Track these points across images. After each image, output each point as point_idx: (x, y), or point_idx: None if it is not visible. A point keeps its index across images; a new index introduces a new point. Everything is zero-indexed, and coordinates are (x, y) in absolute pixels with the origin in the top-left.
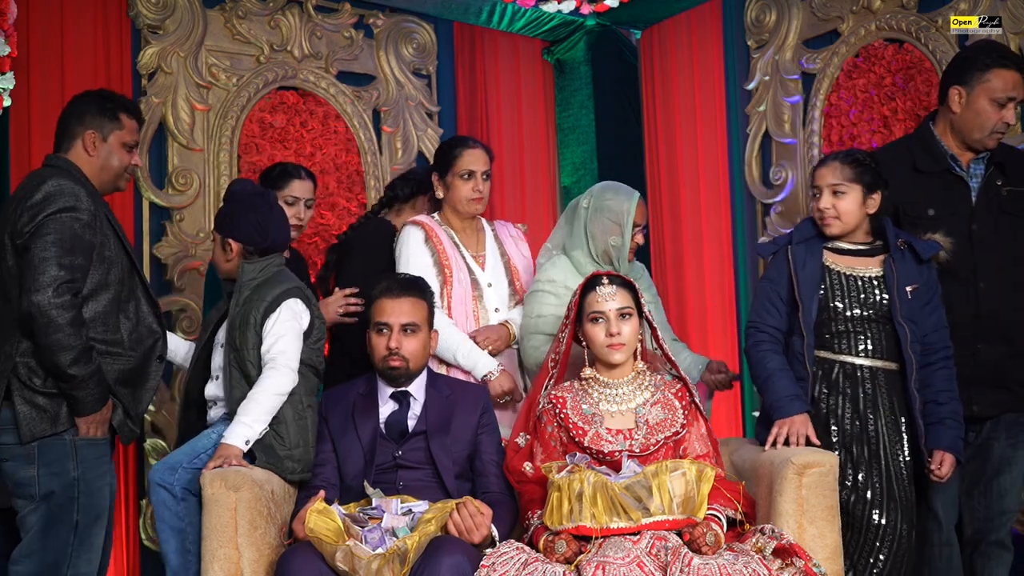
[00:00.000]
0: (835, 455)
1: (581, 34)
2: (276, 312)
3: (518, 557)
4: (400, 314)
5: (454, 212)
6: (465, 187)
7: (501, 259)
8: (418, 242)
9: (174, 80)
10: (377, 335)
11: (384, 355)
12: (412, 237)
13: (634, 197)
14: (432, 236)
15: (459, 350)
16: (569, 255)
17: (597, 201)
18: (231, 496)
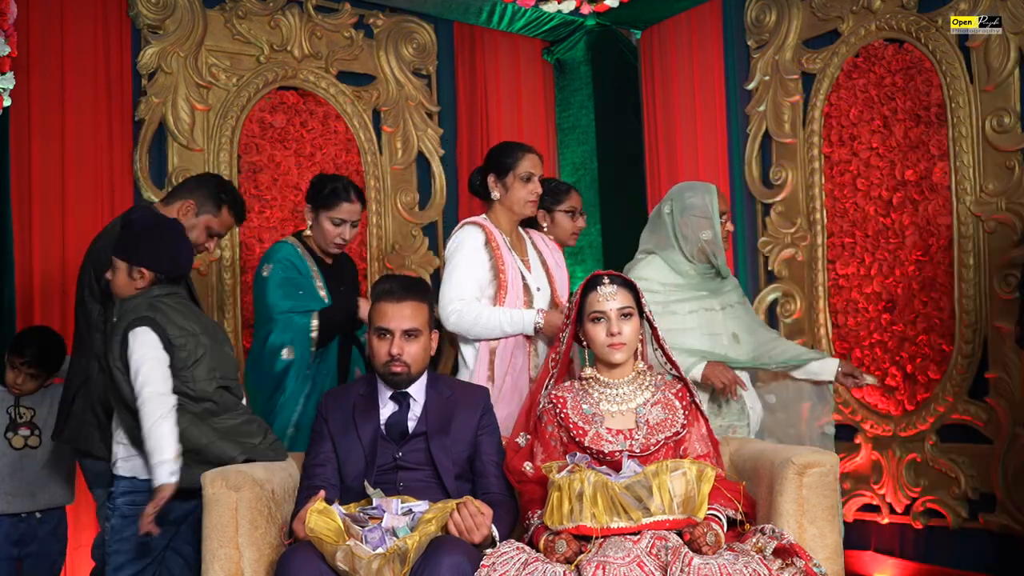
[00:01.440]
0: (835, 455)
1: (581, 34)
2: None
3: (518, 557)
4: (402, 319)
5: (508, 214)
6: (524, 189)
7: (542, 266)
8: (478, 244)
9: (174, 80)
10: (379, 340)
11: (386, 360)
12: (472, 238)
13: (712, 189)
14: (492, 240)
15: (503, 321)
16: (661, 255)
17: (679, 203)
18: (232, 496)
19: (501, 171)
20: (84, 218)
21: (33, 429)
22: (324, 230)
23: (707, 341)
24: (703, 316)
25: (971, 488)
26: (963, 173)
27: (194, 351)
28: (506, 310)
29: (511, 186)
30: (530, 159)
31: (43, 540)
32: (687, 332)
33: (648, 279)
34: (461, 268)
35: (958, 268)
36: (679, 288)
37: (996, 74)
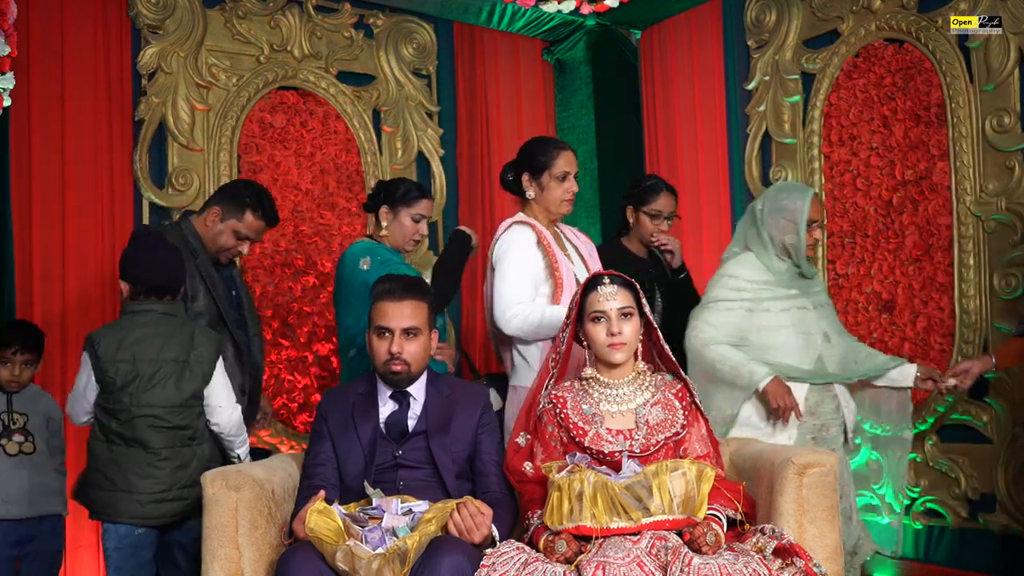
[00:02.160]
0: (835, 455)
1: (581, 34)
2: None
3: (518, 557)
4: (402, 318)
5: (544, 212)
6: (560, 188)
7: (580, 259)
8: (529, 244)
9: (174, 80)
10: (378, 339)
11: (386, 359)
12: (523, 238)
13: (807, 194)
14: (542, 238)
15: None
16: (755, 251)
17: (772, 203)
18: (232, 496)
19: (536, 169)
20: (84, 218)
21: (27, 435)
22: (404, 227)
23: (801, 339)
24: (796, 314)
25: (971, 488)
26: (963, 173)
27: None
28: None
29: (547, 185)
30: (566, 157)
31: (42, 540)
32: (781, 330)
33: (736, 276)
34: (515, 270)
35: (958, 268)
36: (769, 286)
37: (996, 74)
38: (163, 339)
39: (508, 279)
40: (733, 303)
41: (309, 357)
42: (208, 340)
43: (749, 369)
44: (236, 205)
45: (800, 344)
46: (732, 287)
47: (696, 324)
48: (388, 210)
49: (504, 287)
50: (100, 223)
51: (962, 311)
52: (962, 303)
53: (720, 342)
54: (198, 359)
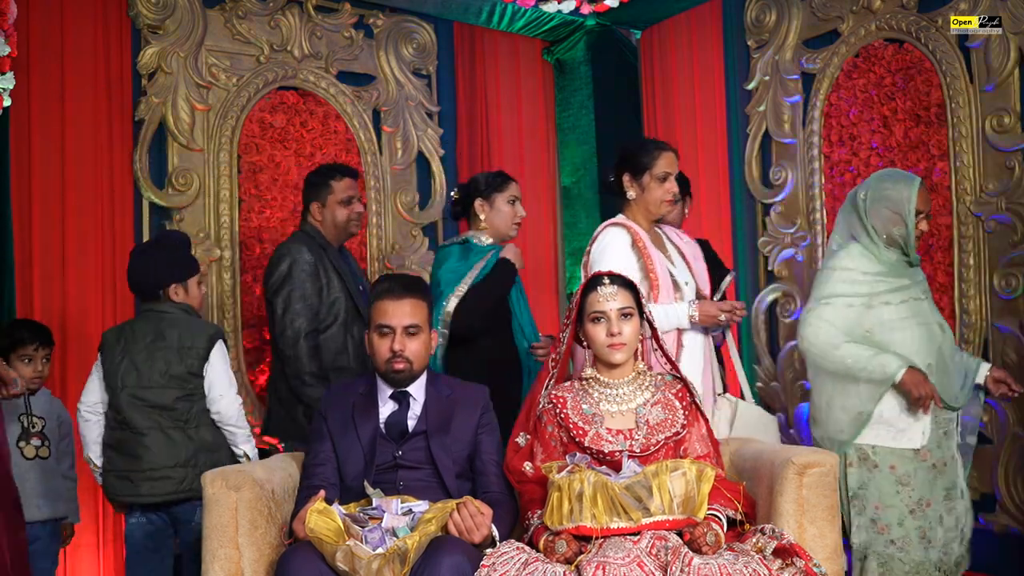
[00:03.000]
0: (835, 455)
1: (581, 34)
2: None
3: (518, 557)
4: (403, 316)
5: (644, 213)
6: (660, 189)
7: (682, 260)
8: (625, 245)
9: (174, 80)
10: (380, 337)
11: (388, 357)
12: (619, 239)
13: (914, 184)
14: (638, 240)
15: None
16: (861, 243)
17: (875, 191)
18: (232, 496)
19: (637, 170)
20: (84, 218)
21: (44, 440)
22: (503, 212)
23: (923, 331)
24: (913, 306)
25: (971, 488)
26: (963, 173)
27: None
28: (660, 306)
29: (647, 186)
30: (667, 158)
31: (44, 540)
32: (903, 322)
33: (851, 269)
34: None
35: (958, 268)
36: (883, 277)
37: (996, 74)
38: (152, 328)
39: None
40: (852, 299)
41: None
42: (200, 329)
43: (881, 362)
44: (321, 186)
45: (923, 336)
46: (847, 280)
47: (813, 323)
48: (483, 201)
49: None
50: (100, 223)
51: (962, 311)
52: (962, 303)
53: (845, 340)
54: (183, 344)
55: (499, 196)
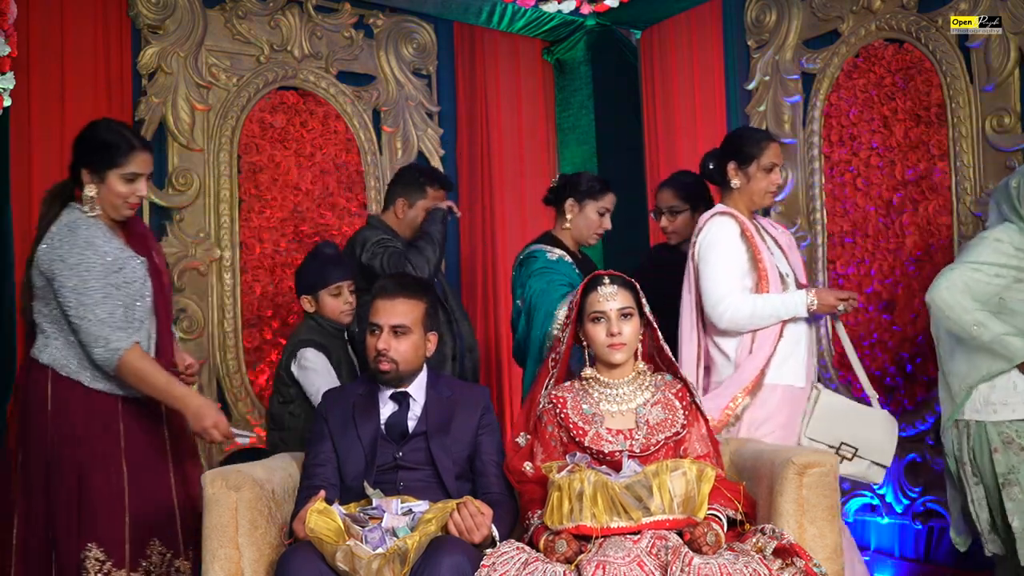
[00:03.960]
0: (835, 455)
1: (581, 34)
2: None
3: (518, 557)
4: (391, 315)
5: (747, 203)
6: (766, 180)
7: (779, 249)
8: (734, 235)
9: (174, 80)
10: (369, 335)
11: (373, 356)
12: (727, 229)
13: None
14: (746, 229)
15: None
16: (1015, 225)
17: None
18: (232, 496)
19: (744, 159)
20: None
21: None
22: (590, 220)
23: None
24: None
25: None
26: (963, 173)
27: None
28: (777, 295)
29: (753, 176)
30: (774, 149)
31: None
32: None
33: (1005, 242)
34: (723, 262)
35: None
36: None
37: (996, 74)
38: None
39: (717, 272)
40: (1001, 269)
41: None
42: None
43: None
44: (415, 188)
45: None
46: (1000, 251)
47: (954, 281)
48: (575, 203)
49: (713, 281)
50: None
51: None
52: None
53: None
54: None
55: (591, 203)
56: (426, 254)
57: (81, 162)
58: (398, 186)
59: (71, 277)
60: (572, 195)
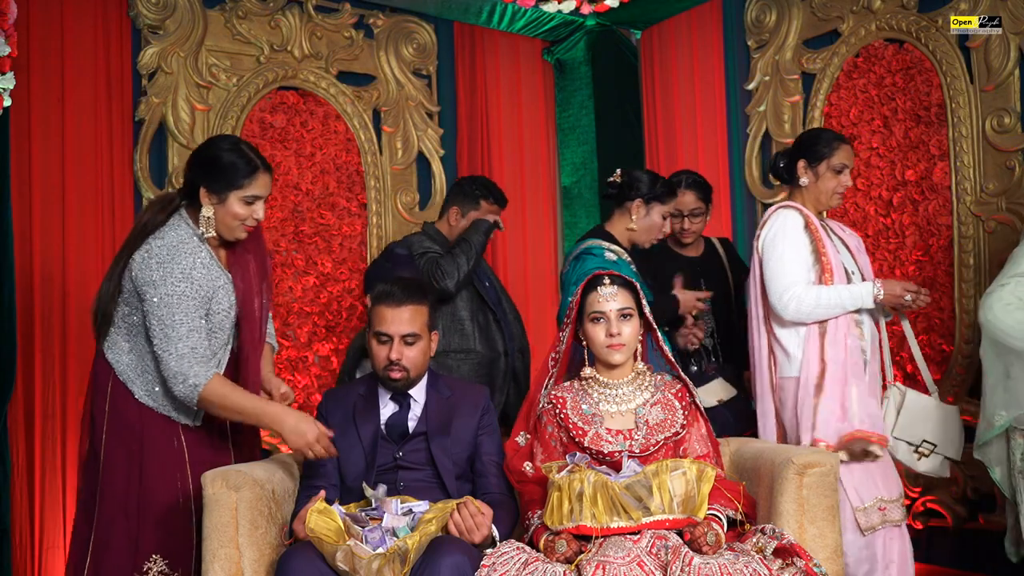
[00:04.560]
0: (836, 455)
1: (581, 34)
2: None
3: (518, 557)
4: (401, 323)
5: (814, 202)
6: (834, 180)
7: (847, 250)
8: (798, 227)
9: (174, 80)
10: (378, 344)
11: (385, 365)
12: (792, 220)
13: None
14: (810, 223)
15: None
16: None
17: None
18: (232, 496)
19: (814, 158)
20: (84, 218)
21: None
22: (654, 223)
23: None
24: None
25: (971, 488)
26: (963, 173)
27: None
28: (842, 286)
29: (822, 175)
30: (846, 151)
31: None
32: None
33: None
34: (788, 253)
35: (958, 268)
36: None
37: (996, 74)
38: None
39: (783, 263)
40: None
41: (309, 357)
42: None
43: None
44: (470, 200)
45: None
46: None
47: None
48: (642, 204)
49: (778, 271)
50: (100, 223)
51: (962, 311)
52: (962, 303)
53: None
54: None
55: (659, 207)
56: (459, 261)
57: (200, 180)
58: (454, 195)
59: (161, 307)
60: (640, 196)
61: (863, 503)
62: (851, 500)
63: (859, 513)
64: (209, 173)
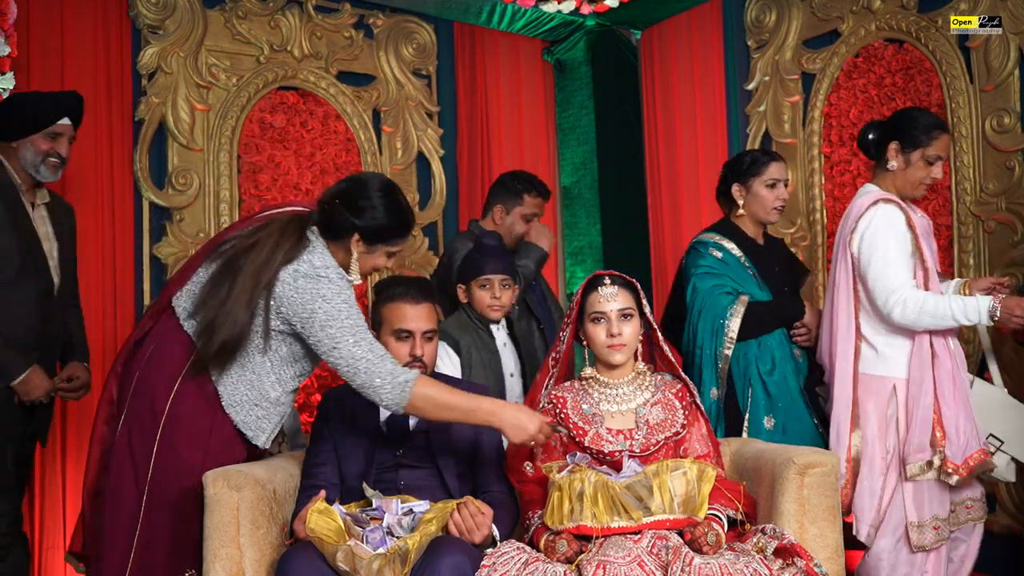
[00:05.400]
0: (836, 455)
1: (581, 34)
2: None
3: (519, 557)
4: (421, 320)
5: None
6: (924, 171)
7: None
8: (901, 225)
9: (174, 80)
10: (398, 341)
11: (407, 362)
12: (896, 219)
13: None
14: (909, 219)
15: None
16: None
17: None
18: (233, 496)
19: (908, 143)
20: (84, 218)
21: None
22: (762, 198)
23: None
24: None
25: None
26: (963, 173)
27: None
28: (954, 299)
29: (913, 163)
30: (944, 141)
31: None
32: None
33: None
34: (893, 252)
35: (958, 268)
36: None
37: (996, 74)
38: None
39: (888, 262)
40: None
41: None
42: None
43: None
44: (513, 195)
45: None
46: None
47: None
48: (740, 187)
49: (883, 270)
50: (100, 223)
51: None
52: None
53: None
54: None
55: (756, 180)
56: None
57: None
58: (496, 193)
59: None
60: (736, 179)
61: (919, 520)
62: (908, 515)
63: (912, 529)
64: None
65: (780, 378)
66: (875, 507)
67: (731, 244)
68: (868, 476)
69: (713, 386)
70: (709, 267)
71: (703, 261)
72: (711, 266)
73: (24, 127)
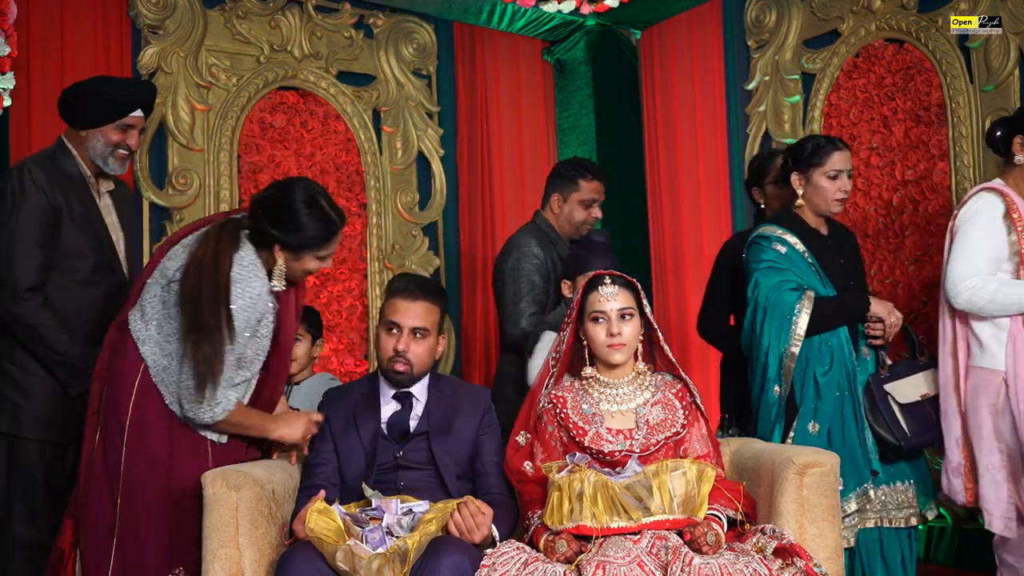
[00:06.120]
0: (836, 455)
1: (581, 34)
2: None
3: (518, 557)
4: (412, 317)
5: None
6: None
7: None
8: (996, 215)
9: (174, 80)
10: (386, 334)
11: (390, 356)
12: (991, 207)
13: None
14: (1013, 210)
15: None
16: None
17: None
18: (232, 496)
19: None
20: None
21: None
22: (823, 189)
23: None
24: None
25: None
26: (963, 173)
27: None
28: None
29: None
30: None
31: None
32: None
33: None
34: (975, 241)
35: None
36: None
37: (996, 74)
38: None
39: (966, 249)
40: None
41: None
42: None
43: None
44: (568, 182)
45: None
46: None
47: None
48: (799, 176)
49: (959, 257)
50: None
51: None
52: None
53: None
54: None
55: (816, 171)
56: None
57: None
58: (552, 182)
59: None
60: (796, 167)
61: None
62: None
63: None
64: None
65: (832, 380)
66: (1003, 499)
67: (794, 238)
68: (988, 469)
69: (776, 384)
70: (772, 261)
71: (765, 255)
72: (774, 260)
73: (97, 117)
